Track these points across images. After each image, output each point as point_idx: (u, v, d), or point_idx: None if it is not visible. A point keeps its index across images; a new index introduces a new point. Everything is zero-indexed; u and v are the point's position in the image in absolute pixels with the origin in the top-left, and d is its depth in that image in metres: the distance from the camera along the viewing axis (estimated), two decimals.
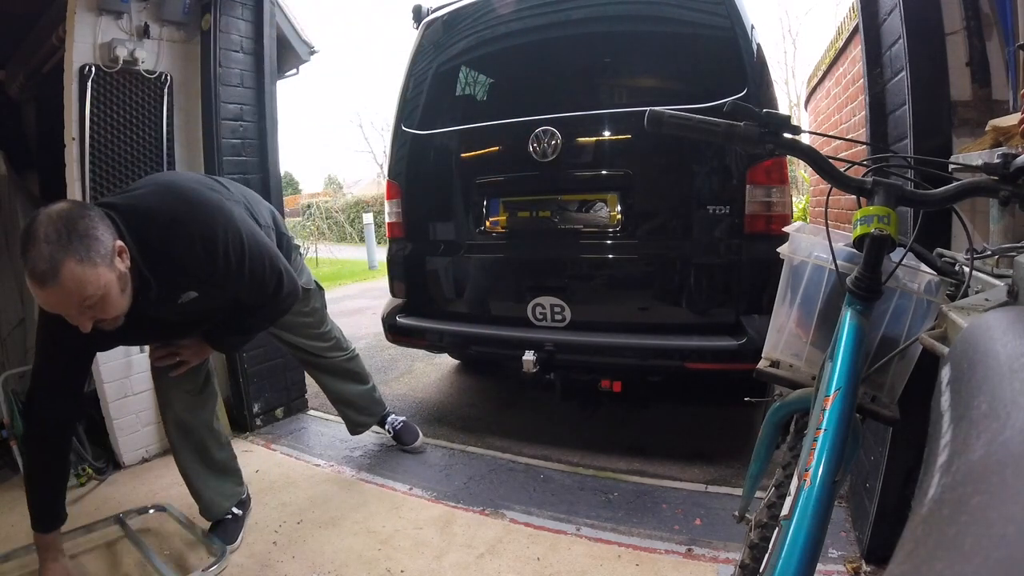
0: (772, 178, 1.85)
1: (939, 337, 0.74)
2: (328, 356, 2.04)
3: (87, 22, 2.01)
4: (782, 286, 1.07)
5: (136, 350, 2.15)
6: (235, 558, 1.56)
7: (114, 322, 1.21)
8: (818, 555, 0.61)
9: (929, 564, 0.25)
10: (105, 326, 1.21)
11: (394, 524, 1.70)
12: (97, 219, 1.14)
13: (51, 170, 2.37)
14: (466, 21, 2.45)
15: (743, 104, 0.81)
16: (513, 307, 2.18)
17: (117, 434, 2.11)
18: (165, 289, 1.30)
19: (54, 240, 1.06)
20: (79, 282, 1.08)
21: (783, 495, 0.89)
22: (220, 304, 1.48)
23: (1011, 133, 1.04)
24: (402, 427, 2.24)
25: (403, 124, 2.43)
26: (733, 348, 1.82)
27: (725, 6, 1.94)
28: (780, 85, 12.93)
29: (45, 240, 1.06)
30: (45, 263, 1.05)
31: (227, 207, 1.37)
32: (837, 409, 0.68)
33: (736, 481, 1.87)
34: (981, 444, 0.30)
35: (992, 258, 0.88)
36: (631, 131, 2.00)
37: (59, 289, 1.07)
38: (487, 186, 2.22)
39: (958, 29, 1.34)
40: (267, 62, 2.45)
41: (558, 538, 1.60)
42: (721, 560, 1.47)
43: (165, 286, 1.29)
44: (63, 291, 1.08)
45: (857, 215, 0.75)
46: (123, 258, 1.18)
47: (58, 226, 1.08)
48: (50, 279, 1.06)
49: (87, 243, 1.09)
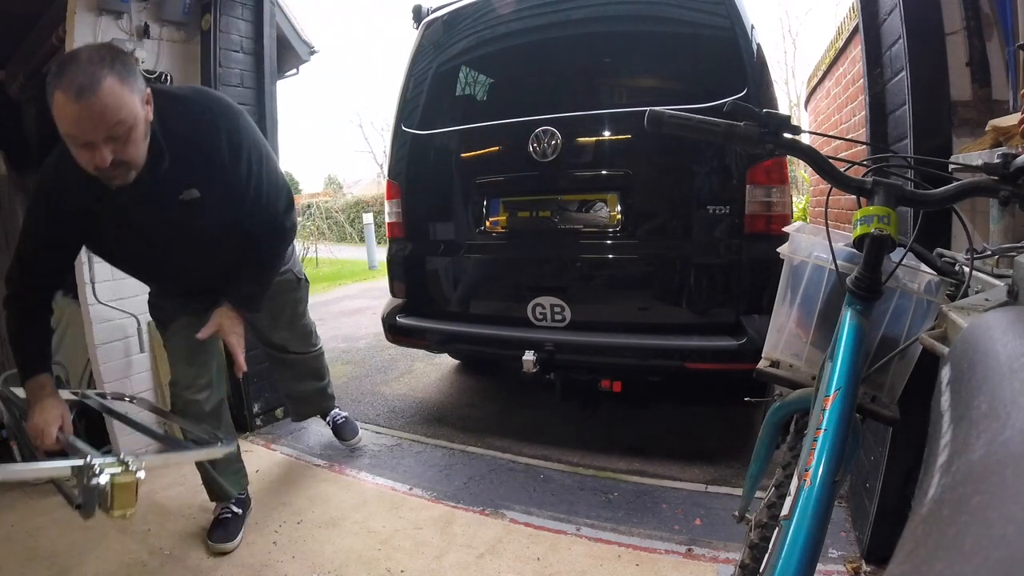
0: (772, 178, 1.85)
1: (939, 337, 0.74)
2: (300, 352, 2.03)
3: (87, 22, 2.01)
4: (782, 286, 1.07)
5: (136, 350, 2.15)
6: (235, 558, 1.56)
7: (125, 174, 1.17)
8: (818, 555, 0.61)
9: (929, 564, 0.25)
10: (117, 178, 1.16)
11: (394, 524, 1.70)
12: (136, 64, 1.16)
13: None
14: (466, 21, 2.45)
15: (743, 104, 0.81)
16: (513, 307, 2.18)
17: (117, 434, 2.10)
18: (174, 172, 1.27)
19: (97, 61, 1.06)
20: (117, 101, 1.07)
21: (783, 495, 0.89)
22: (218, 219, 1.39)
23: (1011, 133, 1.04)
24: (343, 422, 2.26)
25: (403, 124, 2.43)
26: (733, 348, 1.82)
27: (725, 6, 1.94)
28: (780, 85, 12.93)
29: (88, 60, 1.05)
30: (86, 77, 1.03)
31: (256, 127, 1.41)
32: (837, 409, 0.68)
33: (736, 481, 1.87)
34: (981, 444, 0.30)
35: (992, 258, 0.88)
36: (631, 131, 2.00)
37: (96, 103, 1.04)
38: (487, 186, 2.22)
39: (958, 29, 1.34)
40: (267, 62, 2.45)
41: (558, 538, 1.60)
42: (721, 560, 1.47)
43: (175, 168, 1.26)
44: (99, 107, 1.05)
45: (857, 215, 0.75)
46: (149, 107, 1.17)
47: (102, 52, 1.09)
48: (88, 92, 1.03)
49: (129, 69, 1.10)
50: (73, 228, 1.32)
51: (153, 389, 2.23)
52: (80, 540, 1.64)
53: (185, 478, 1.99)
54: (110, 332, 2.09)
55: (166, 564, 1.53)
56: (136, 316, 2.14)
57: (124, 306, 2.11)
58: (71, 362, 2.33)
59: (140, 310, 2.16)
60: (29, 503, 1.85)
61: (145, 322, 2.18)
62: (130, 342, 2.15)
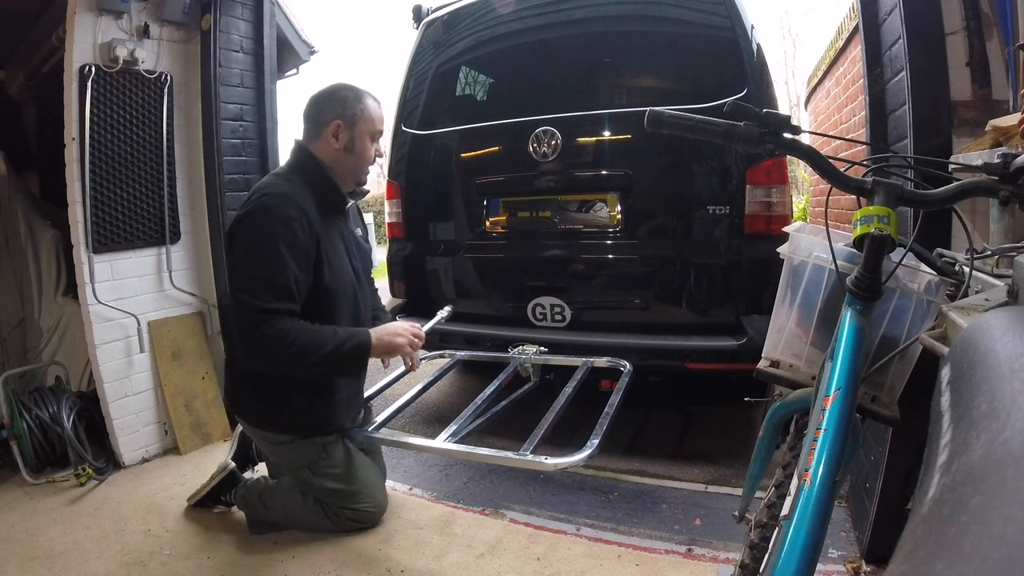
0: (772, 178, 1.85)
1: (939, 337, 0.74)
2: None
3: (87, 22, 2.01)
4: (782, 286, 1.07)
5: (136, 350, 2.15)
6: (235, 558, 1.56)
7: (367, 171, 1.60)
8: (818, 555, 0.61)
9: (929, 564, 0.25)
10: (365, 173, 1.59)
11: (394, 524, 1.70)
12: None
13: (51, 170, 2.37)
14: (466, 21, 2.45)
15: (743, 104, 0.81)
16: (513, 307, 2.18)
17: (117, 434, 2.10)
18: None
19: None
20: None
21: (783, 495, 0.89)
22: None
23: (1011, 133, 1.04)
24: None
25: (403, 124, 2.43)
26: (733, 348, 1.82)
27: (725, 6, 1.94)
28: (780, 85, 12.90)
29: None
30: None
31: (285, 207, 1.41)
32: (837, 409, 0.68)
33: (736, 481, 1.87)
34: (981, 444, 0.30)
35: (992, 258, 0.88)
36: (631, 131, 2.00)
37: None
38: (487, 186, 2.22)
39: (958, 29, 1.34)
40: (267, 62, 2.45)
41: (558, 538, 1.60)
42: (721, 560, 1.47)
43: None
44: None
45: (857, 215, 0.75)
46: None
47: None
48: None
49: None
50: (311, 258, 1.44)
51: (153, 389, 2.22)
52: (80, 540, 1.64)
53: (185, 478, 1.99)
54: (110, 332, 2.09)
55: (166, 564, 1.53)
56: (136, 316, 2.14)
57: (124, 306, 2.11)
58: (71, 362, 2.33)
59: (140, 310, 2.17)
60: (29, 503, 1.85)
61: (145, 322, 2.18)
62: (130, 342, 2.15)
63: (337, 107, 1.49)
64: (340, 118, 1.49)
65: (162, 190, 2.24)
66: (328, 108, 1.49)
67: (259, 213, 1.37)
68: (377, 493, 1.65)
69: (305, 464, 1.54)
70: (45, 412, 2.00)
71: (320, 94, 1.52)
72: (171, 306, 2.30)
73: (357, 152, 1.51)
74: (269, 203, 1.38)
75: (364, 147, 1.51)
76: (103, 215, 2.06)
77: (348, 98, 1.49)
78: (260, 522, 1.64)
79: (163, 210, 2.24)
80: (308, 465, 1.54)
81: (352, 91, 1.51)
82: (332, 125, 1.48)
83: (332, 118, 1.49)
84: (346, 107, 1.49)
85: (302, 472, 1.54)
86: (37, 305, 2.40)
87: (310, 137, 1.52)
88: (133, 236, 2.16)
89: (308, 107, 1.53)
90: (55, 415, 2.00)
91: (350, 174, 1.54)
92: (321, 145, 1.51)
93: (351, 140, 1.50)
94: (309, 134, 1.53)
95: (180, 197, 2.33)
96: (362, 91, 1.53)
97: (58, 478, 1.98)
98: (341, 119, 1.49)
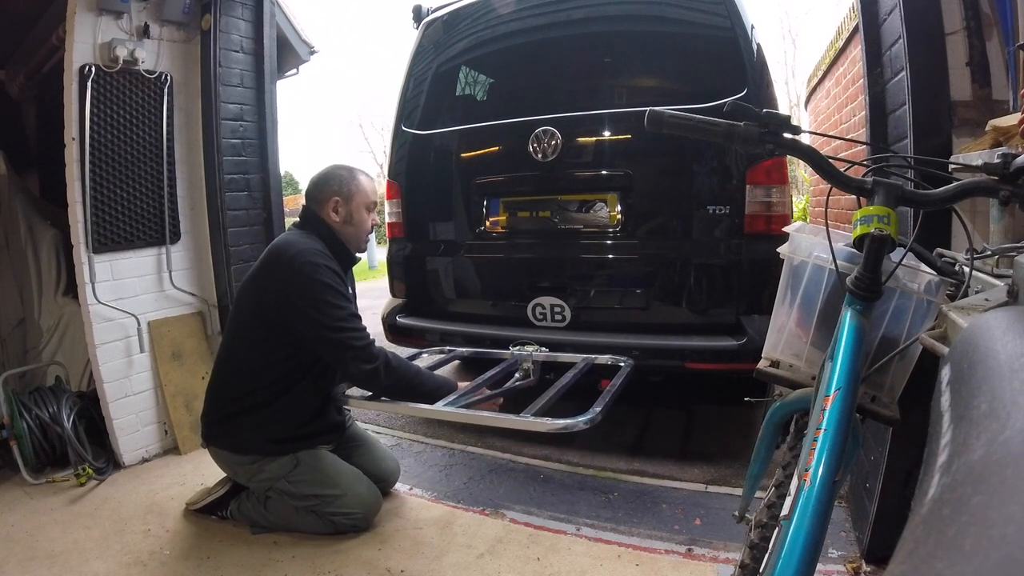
0: (772, 178, 1.85)
1: (939, 337, 0.74)
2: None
3: (87, 22, 2.01)
4: (782, 286, 1.07)
5: (136, 349, 2.15)
6: (235, 557, 1.56)
7: (367, 240, 1.76)
8: (818, 555, 0.61)
9: (929, 564, 0.25)
10: (365, 242, 1.75)
11: (394, 524, 1.70)
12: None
13: (51, 170, 2.37)
14: (466, 21, 2.45)
15: (743, 104, 0.81)
16: (513, 307, 2.18)
17: (117, 434, 2.10)
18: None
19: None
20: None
21: (783, 495, 0.89)
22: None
23: (1011, 133, 1.04)
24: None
25: (403, 124, 2.43)
26: (733, 348, 1.82)
27: (725, 6, 1.94)
28: (780, 85, 12.92)
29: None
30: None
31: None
32: (837, 409, 0.68)
33: (736, 481, 1.87)
34: (981, 444, 0.30)
35: (992, 258, 0.88)
36: (631, 131, 2.00)
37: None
38: (487, 186, 2.22)
39: (958, 29, 1.34)
40: (267, 62, 2.45)
41: (558, 538, 1.60)
42: (721, 560, 1.47)
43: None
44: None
45: (857, 215, 0.75)
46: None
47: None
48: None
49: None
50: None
51: (153, 389, 2.22)
52: (80, 540, 1.64)
53: (185, 478, 1.99)
54: (110, 332, 2.09)
55: (166, 564, 1.53)
56: (136, 316, 2.14)
57: (124, 306, 2.11)
58: (71, 362, 2.33)
59: (140, 310, 2.17)
60: (29, 503, 1.85)
61: (145, 322, 2.19)
62: (130, 342, 2.15)
63: (334, 185, 1.66)
64: (337, 195, 1.65)
65: (162, 190, 2.24)
66: (326, 187, 1.66)
67: (310, 269, 1.52)
68: (362, 493, 1.66)
69: (282, 476, 1.60)
70: (45, 412, 2.00)
71: (319, 175, 1.70)
72: (171, 306, 2.30)
73: (356, 223, 1.68)
74: (318, 260, 1.54)
75: (362, 218, 1.69)
76: (103, 215, 2.06)
77: (343, 176, 1.68)
78: (260, 523, 1.65)
79: (163, 210, 2.24)
80: (284, 476, 1.60)
81: (346, 170, 1.71)
82: (331, 201, 1.65)
83: (331, 195, 1.65)
84: (342, 185, 1.66)
85: (280, 484, 1.60)
86: (37, 305, 2.40)
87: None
88: (133, 236, 2.16)
89: (309, 188, 1.70)
90: (55, 415, 2.00)
91: (352, 242, 1.70)
92: (324, 219, 1.67)
93: (349, 213, 1.67)
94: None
95: (180, 197, 2.33)
96: (355, 169, 1.73)
97: (58, 478, 1.98)
98: (339, 195, 1.66)
